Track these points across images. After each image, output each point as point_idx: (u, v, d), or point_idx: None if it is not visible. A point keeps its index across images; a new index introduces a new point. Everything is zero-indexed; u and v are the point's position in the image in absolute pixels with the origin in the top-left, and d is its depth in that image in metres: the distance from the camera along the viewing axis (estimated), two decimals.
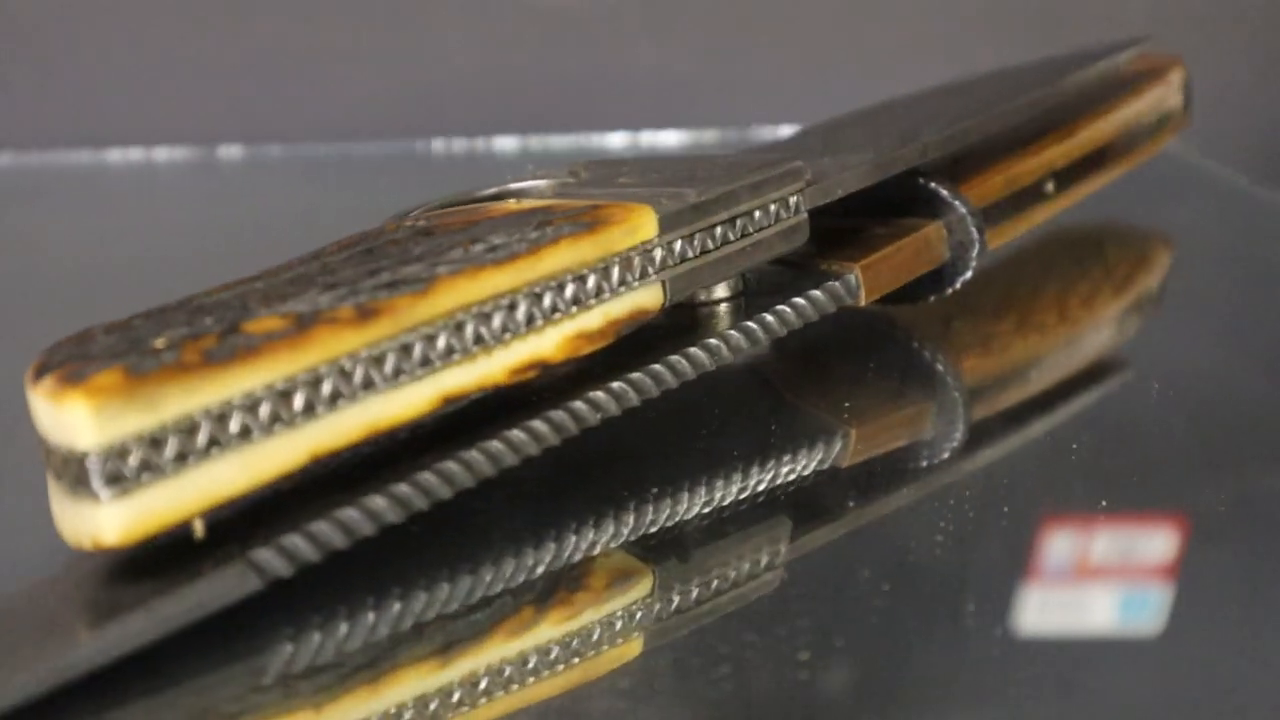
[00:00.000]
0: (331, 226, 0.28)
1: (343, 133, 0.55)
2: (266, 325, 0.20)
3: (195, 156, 0.54)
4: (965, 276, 0.31)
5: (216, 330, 0.20)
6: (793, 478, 0.26)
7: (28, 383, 0.20)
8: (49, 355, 0.20)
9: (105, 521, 0.19)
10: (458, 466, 0.22)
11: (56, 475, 0.19)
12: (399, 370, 0.21)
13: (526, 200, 0.26)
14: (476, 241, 0.23)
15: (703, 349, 0.26)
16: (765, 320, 0.27)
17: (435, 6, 0.55)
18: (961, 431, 0.29)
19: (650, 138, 0.55)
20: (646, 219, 0.24)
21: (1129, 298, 0.38)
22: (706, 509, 0.25)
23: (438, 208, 0.27)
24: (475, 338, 0.22)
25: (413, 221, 0.25)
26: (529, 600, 0.22)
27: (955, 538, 0.24)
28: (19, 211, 0.50)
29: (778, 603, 0.22)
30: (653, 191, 0.26)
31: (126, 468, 0.19)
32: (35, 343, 0.21)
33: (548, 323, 0.23)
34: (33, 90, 0.54)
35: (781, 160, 0.27)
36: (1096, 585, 0.24)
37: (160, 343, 0.20)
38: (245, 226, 0.45)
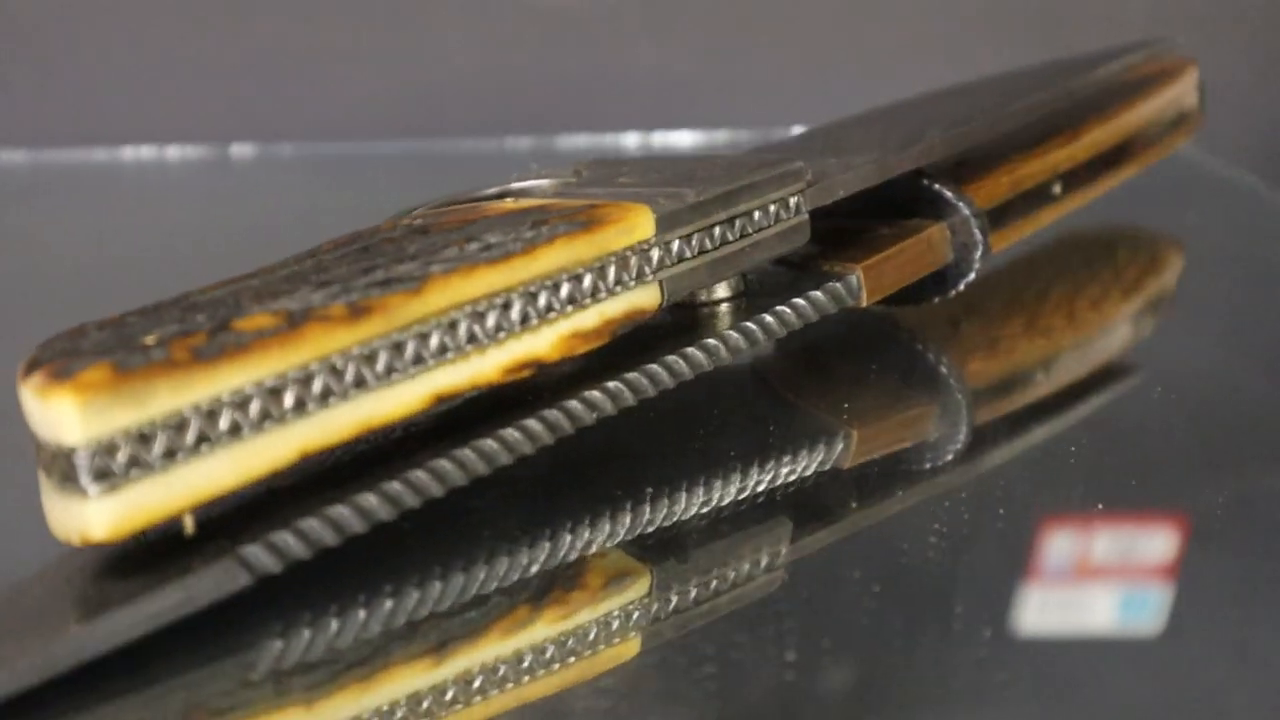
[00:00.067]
0: (342, 225, 0.28)
1: (355, 132, 0.55)
2: (257, 323, 0.20)
3: (208, 155, 0.54)
4: (969, 278, 0.31)
5: (207, 327, 0.20)
6: (790, 479, 0.26)
7: (19, 378, 0.20)
8: (41, 350, 0.20)
9: (93, 517, 0.19)
10: (450, 464, 0.22)
11: (46, 471, 0.19)
12: (391, 368, 0.21)
13: (524, 199, 0.26)
14: (471, 240, 0.23)
15: (700, 349, 0.26)
16: (765, 321, 0.27)
17: (440, 7, 0.55)
18: (965, 434, 0.29)
19: (661, 138, 0.55)
20: (644, 219, 0.24)
21: (1139, 301, 0.38)
22: (703, 509, 0.25)
23: (439, 206, 0.27)
24: (469, 336, 0.22)
25: (409, 220, 0.25)
26: (524, 599, 0.22)
27: (954, 540, 0.24)
28: (33, 208, 0.50)
29: (775, 604, 0.22)
30: (651, 191, 0.26)
31: (114, 463, 0.19)
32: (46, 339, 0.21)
33: (543, 322, 0.23)
34: (47, 89, 0.54)
35: (782, 161, 0.27)
36: (1098, 587, 0.24)
37: (150, 339, 0.20)
38: (256, 224, 0.45)
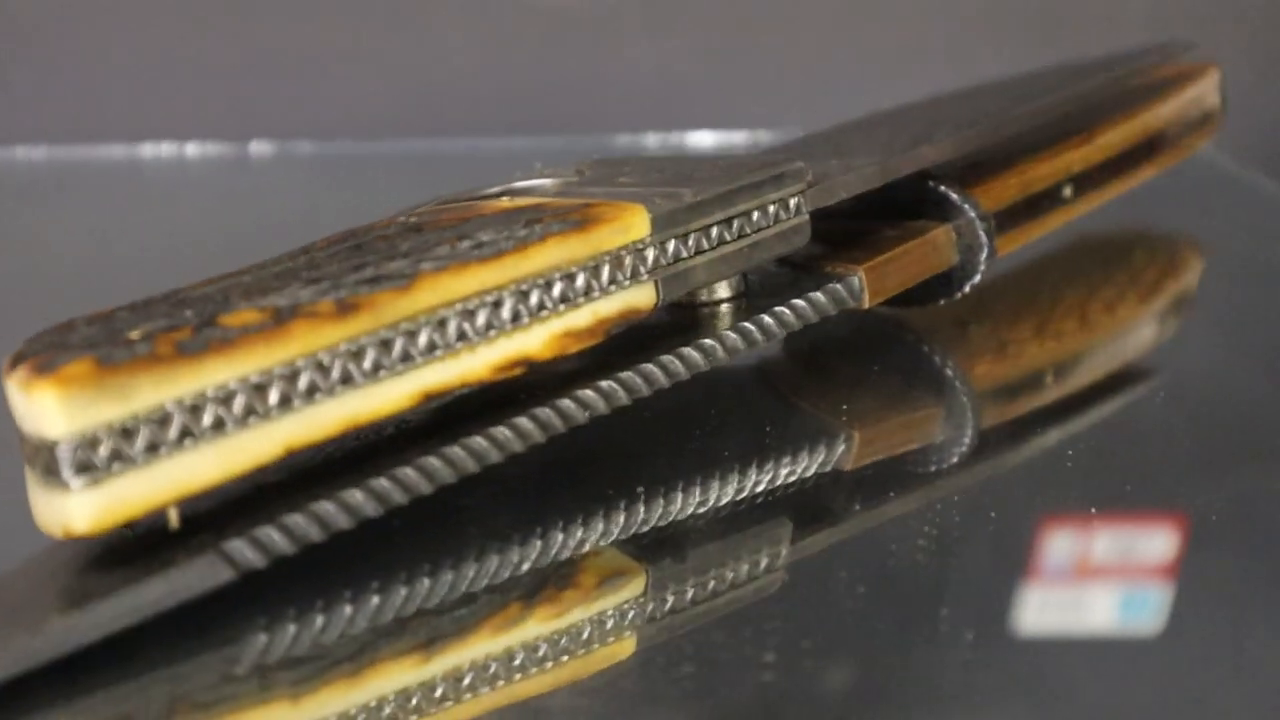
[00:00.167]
0: (357, 223, 0.28)
1: (372, 130, 0.55)
2: (243, 318, 0.20)
3: (227, 152, 0.55)
4: (974, 280, 0.31)
5: (193, 323, 0.20)
6: (787, 480, 0.26)
7: (4, 371, 0.20)
8: (28, 344, 0.20)
9: (74, 510, 0.19)
10: (439, 462, 0.22)
11: (30, 464, 0.20)
12: (378, 366, 0.21)
13: (520, 198, 0.26)
14: (464, 238, 0.23)
15: (697, 349, 0.25)
16: (763, 322, 0.27)
17: (448, 7, 0.56)
18: (968, 437, 0.28)
19: (663, 139, 0.55)
20: (639, 218, 0.24)
21: (1154, 304, 0.37)
22: (699, 510, 0.25)
23: (442, 204, 0.27)
24: (458, 334, 0.22)
25: (405, 218, 0.25)
26: (516, 597, 0.22)
27: (953, 542, 0.24)
28: (53, 205, 0.50)
29: (774, 606, 0.22)
30: (648, 191, 0.26)
31: (97, 457, 0.19)
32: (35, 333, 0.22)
33: (534, 320, 0.23)
34: (67, 85, 0.55)
35: (782, 161, 0.27)
36: (1097, 588, 0.23)
37: (135, 334, 0.20)
38: (274, 222, 0.45)
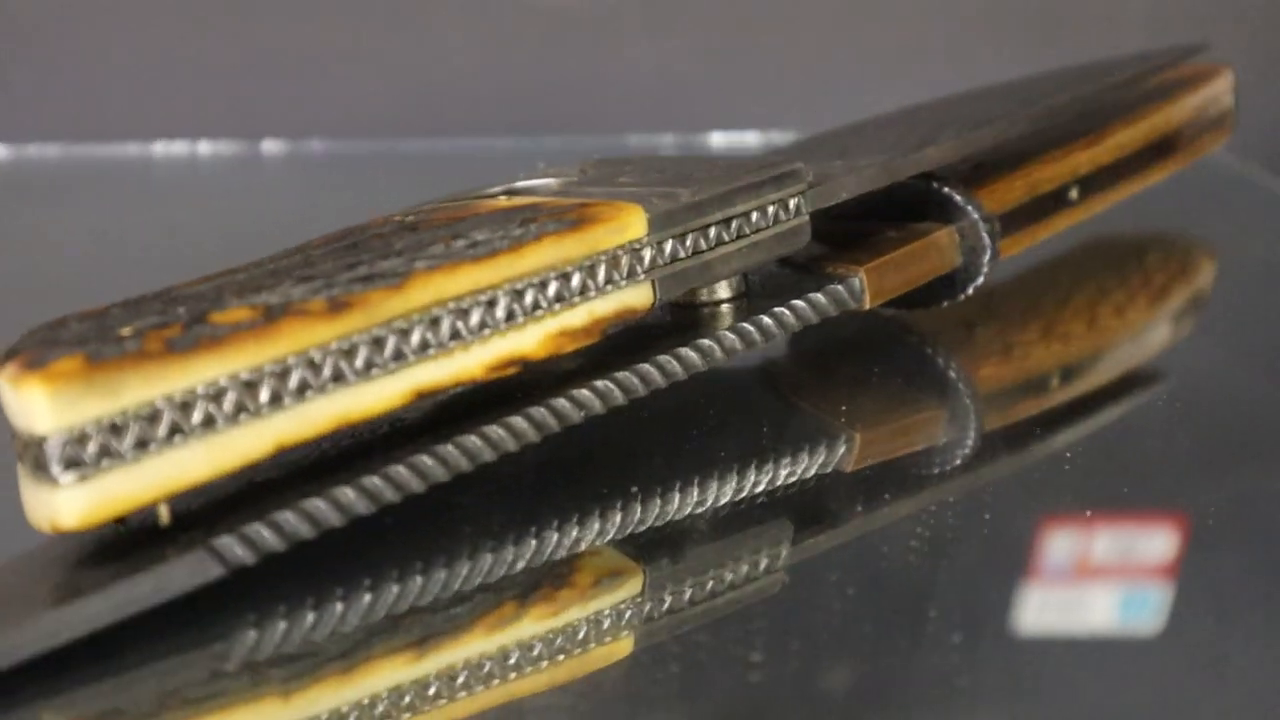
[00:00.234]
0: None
1: (384, 129, 0.55)
2: (234, 316, 0.21)
3: (239, 150, 0.55)
4: (977, 282, 0.31)
5: (183, 320, 0.20)
6: (784, 481, 0.26)
7: None
8: (20, 340, 0.20)
9: (63, 505, 0.19)
10: (431, 460, 0.22)
11: (20, 459, 0.20)
12: (370, 364, 0.21)
13: (517, 198, 0.26)
14: (458, 237, 0.23)
15: (694, 349, 0.25)
16: (762, 322, 0.27)
17: (461, 8, 0.56)
18: (970, 439, 0.28)
19: (681, 139, 0.55)
20: (636, 218, 0.24)
21: (1165, 308, 0.37)
22: (695, 510, 0.25)
23: (439, 203, 0.28)
24: (452, 333, 0.22)
25: (401, 217, 0.25)
26: (512, 596, 0.22)
27: (953, 544, 0.24)
28: (66, 202, 0.51)
29: (772, 606, 0.22)
30: (646, 191, 0.26)
31: (85, 453, 0.19)
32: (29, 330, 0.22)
33: (529, 320, 0.23)
34: (80, 83, 0.55)
35: (782, 162, 0.27)
36: (1104, 592, 0.23)
37: (126, 331, 0.20)
38: (286, 220, 0.45)
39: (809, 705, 0.20)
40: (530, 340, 0.23)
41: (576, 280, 0.24)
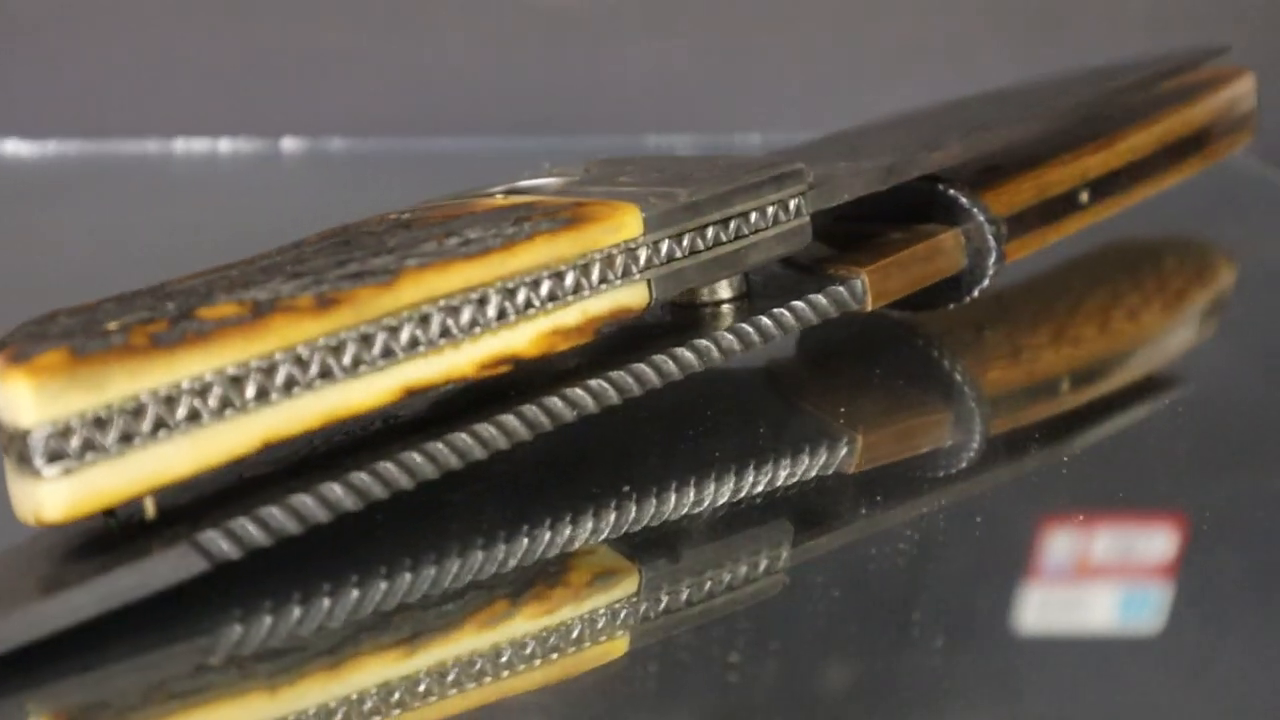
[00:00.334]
0: None
1: (403, 128, 0.55)
2: (221, 311, 0.21)
3: (259, 148, 0.55)
4: (983, 285, 0.30)
5: (170, 315, 0.21)
6: (780, 482, 0.26)
7: None
8: (9, 335, 0.21)
9: (46, 498, 0.19)
10: (420, 458, 0.22)
11: (5, 452, 0.20)
12: (359, 360, 0.21)
13: (514, 196, 0.26)
14: (451, 235, 0.23)
15: (690, 349, 0.25)
16: (761, 323, 0.26)
17: (478, 7, 0.56)
18: (972, 442, 0.28)
19: (687, 139, 0.55)
20: (631, 218, 0.24)
21: (1181, 313, 0.37)
22: (689, 510, 0.24)
23: (437, 202, 0.28)
24: (442, 331, 0.22)
25: (397, 215, 0.26)
26: (505, 594, 0.22)
27: (951, 546, 0.24)
28: (85, 199, 0.51)
29: (771, 607, 0.22)
30: (644, 190, 0.25)
31: (69, 446, 0.19)
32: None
33: (521, 318, 0.23)
34: (101, 80, 0.55)
35: (782, 163, 0.27)
36: (1107, 596, 0.23)
37: (112, 325, 0.20)
38: (304, 218, 0.45)
39: (808, 707, 0.20)
40: (523, 339, 0.23)
41: (570, 279, 0.24)
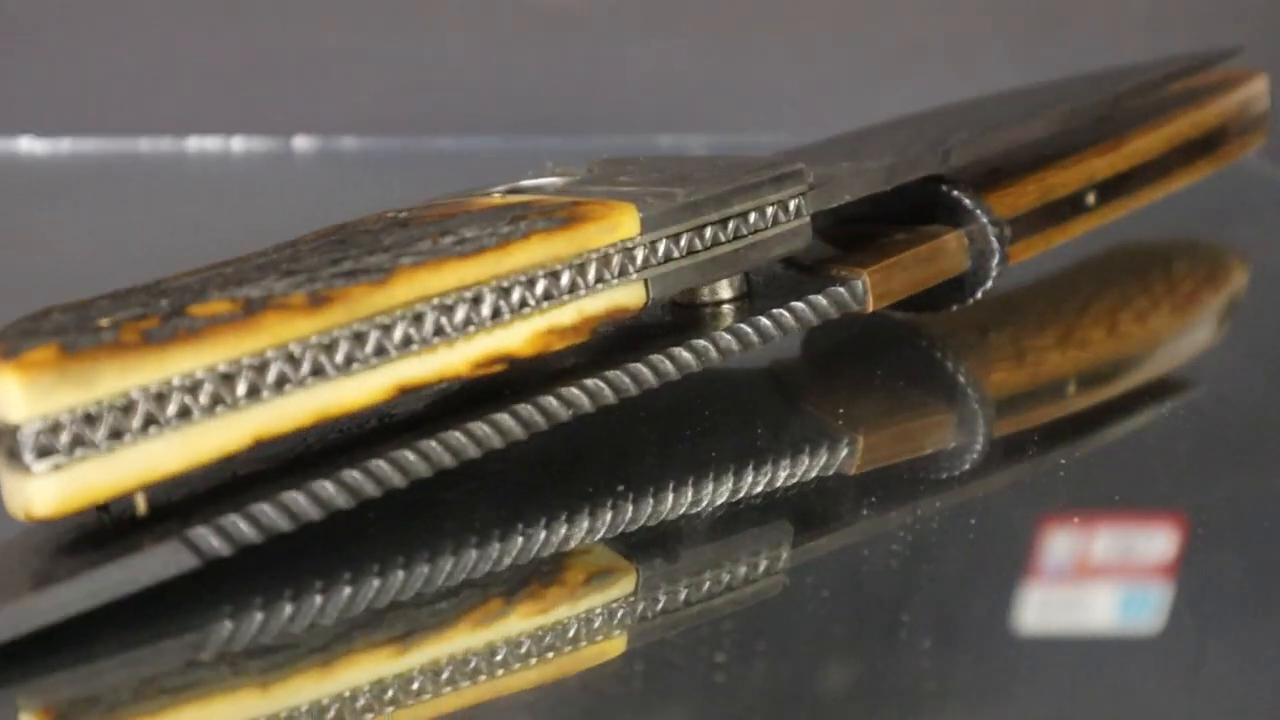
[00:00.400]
0: None
1: (415, 127, 0.55)
2: (213, 309, 0.21)
3: (271, 147, 0.55)
4: (986, 286, 0.30)
5: (163, 311, 0.21)
6: (777, 483, 0.25)
7: None
8: (2, 331, 0.21)
9: (35, 493, 0.19)
10: (413, 456, 0.22)
11: None
12: (351, 359, 0.22)
13: (512, 196, 0.26)
14: (447, 234, 0.23)
15: (688, 349, 0.25)
16: (760, 323, 0.26)
17: (490, 7, 0.56)
18: (974, 444, 0.28)
19: (694, 140, 0.55)
20: (628, 217, 0.24)
21: (1190, 316, 0.37)
22: (685, 510, 0.24)
23: (439, 201, 0.28)
24: (435, 330, 0.22)
25: (395, 213, 0.26)
26: (500, 592, 0.22)
27: (949, 548, 0.24)
28: (98, 197, 0.51)
29: (769, 608, 0.22)
30: (643, 190, 0.25)
31: (58, 442, 0.19)
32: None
33: (516, 317, 0.23)
34: (115, 77, 0.55)
35: (783, 163, 0.27)
36: (1094, 594, 0.23)
37: (104, 322, 0.20)
38: (315, 216, 0.46)
39: (806, 708, 0.20)
40: (517, 338, 0.23)
41: (566, 278, 0.24)
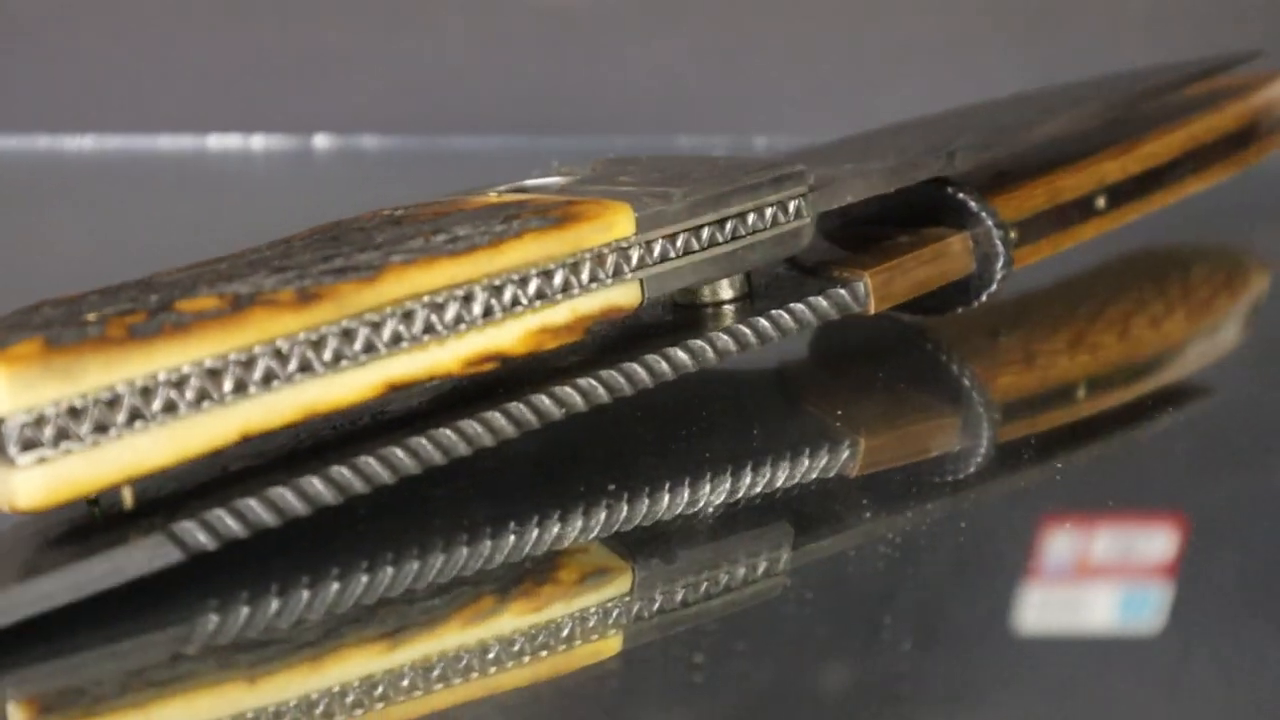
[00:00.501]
0: None
1: (434, 126, 0.56)
2: (201, 304, 0.21)
3: (291, 145, 0.56)
4: (990, 290, 0.30)
5: (150, 307, 0.21)
6: (776, 484, 0.25)
7: None
8: None
9: (19, 486, 0.20)
10: (401, 453, 0.22)
11: None
12: (340, 355, 0.22)
13: (507, 194, 0.27)
14: (439, 232, 0.23)
15: (684, 350, 0.25)
16: (758, 324, 0.26)
17: (508, 6, 0.56)
18: (977, 448, 0.28)
19: (702, 140, 0.55)
20: (623, 217, 0.24)
21: (1206, 322, 0.36)
22: (682, 510, 0.24)
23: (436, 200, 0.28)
24: (425, 327, 0.22)
25: (390, 211, 0.26)
26: (492, 590, 0.22)
27: (955, 549, 0.24)
28: (119, 193, 0.52)
29: (767, 609, 0.22)
30: (640, 190, 0.25)
31: (43, 435, 0.19)
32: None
33: (508, 316, 0.23)
34: (135, 75, 0.56)
35: (783, 164, 0.27)
36: (1092, 594, 0.23)
37: (91, 316, 0.20)
38: (334, 214, 0.46)
39: (804, 709, 0.20)
40: (509, 336, 0.23)
41: (559, 277, 0.24)
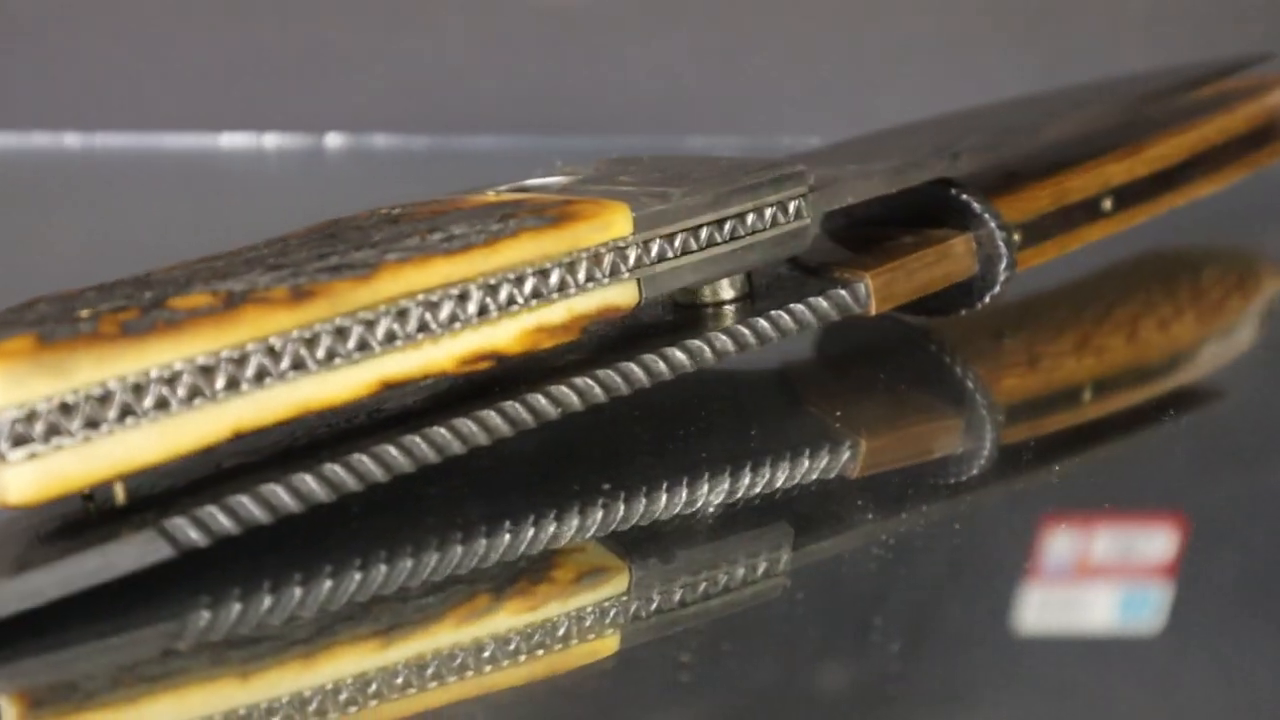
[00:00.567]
0: None
1: (447, 125, 0.56)
2: (194, 301, 0.21)
3: (303, 144, 0.56)
4: (994, 291, 0.30)
5: (143, 304, 0.21)
6: (775, 485, 0.25)
7: None
8: None
9: (10, 481, 0.20)
10: (395, 451, 0.22)
11: None
12: (333, 353, 0.22)
13: (505, 193, 0.27)
14: (435, 231, 0.23)
15: (681, 349, 0.25)
16: (757, 325, 0.26)
17: (520, 5, 0.56)
18: (979, 450, 0.28)
19: (709, 140, 0.55)
20: (620, 217, 0.24)
21: (1215, 325, 0.36)
22: (680, 510, 0.24)
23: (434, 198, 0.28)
24: (420, 326, 0.22)
25: (387, 209, 0.26)
26: (487, 589, 0.22)
27: (954, 550, 0.24)
28: (129, 192, 0.52)
29: (766, 609, 0.22)
30: (639, 190, 0.26)
31: (34, 430, 0.19)
32: None
33: (504, 315, 0.23)
34: (148, 74, 0.56)
35: (783, 164, 0.27)
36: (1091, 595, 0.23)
37: (84, 313, 0.20)
38: (344, 212, 0.46)
39: (803, 709, 0.20)
40: (505, 335, 0.23)
41: (555, 277, 0.24)
